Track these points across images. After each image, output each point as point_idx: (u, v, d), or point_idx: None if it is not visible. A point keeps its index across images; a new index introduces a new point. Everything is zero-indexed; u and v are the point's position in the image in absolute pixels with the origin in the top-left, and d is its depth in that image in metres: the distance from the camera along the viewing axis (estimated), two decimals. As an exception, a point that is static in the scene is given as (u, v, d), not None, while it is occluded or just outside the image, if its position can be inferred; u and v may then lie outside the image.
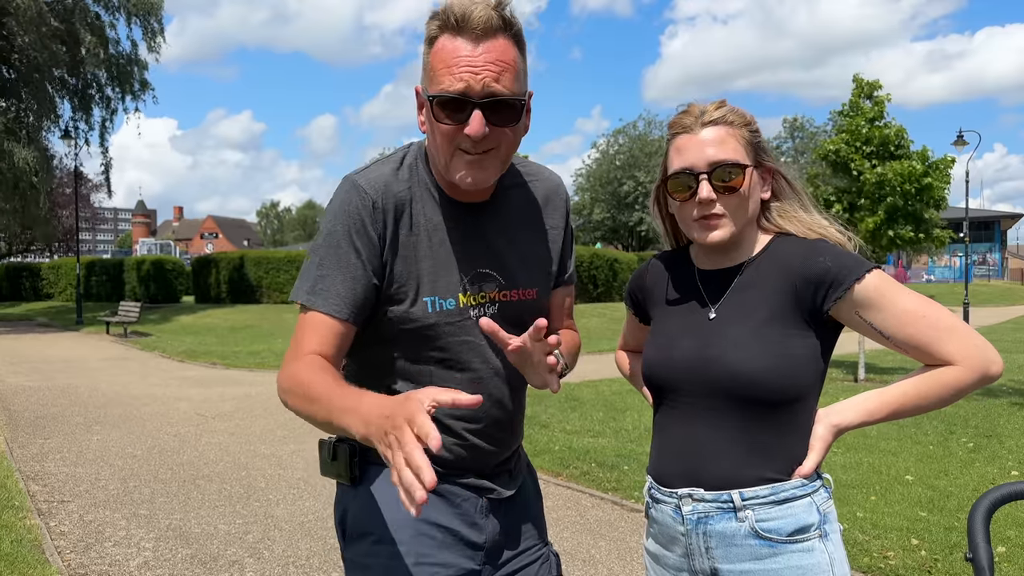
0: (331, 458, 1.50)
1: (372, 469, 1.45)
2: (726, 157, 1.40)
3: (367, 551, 1.43)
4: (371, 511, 1.43)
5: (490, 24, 1.26)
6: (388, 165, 1.43)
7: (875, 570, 3.83)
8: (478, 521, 1.46)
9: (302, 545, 4.29)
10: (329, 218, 1.39)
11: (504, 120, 1.31)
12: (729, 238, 1.43)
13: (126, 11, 24.91)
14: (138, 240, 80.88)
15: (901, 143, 11.07)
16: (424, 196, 1.42)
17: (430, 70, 1.31)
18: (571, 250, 1.62)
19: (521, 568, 1.53)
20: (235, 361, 13.48)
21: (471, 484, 1.47)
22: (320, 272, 1.36)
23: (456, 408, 1.08)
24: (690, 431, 1.44)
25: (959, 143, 23.76)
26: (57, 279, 33.25)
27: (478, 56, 1.27)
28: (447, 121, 1.30)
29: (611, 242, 47.07)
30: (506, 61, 1.29)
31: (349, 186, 1.39)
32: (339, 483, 1.53)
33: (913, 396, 1.37)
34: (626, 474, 5.69)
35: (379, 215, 1.37)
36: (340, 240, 1.36)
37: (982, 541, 1.41)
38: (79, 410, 8.57)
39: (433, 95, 1.29)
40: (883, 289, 1.35)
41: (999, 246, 57.80)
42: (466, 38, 1.27)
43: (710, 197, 1.40)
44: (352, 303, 1.35)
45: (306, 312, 1.36)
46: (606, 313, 22.42)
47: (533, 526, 1.58)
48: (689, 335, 1.46)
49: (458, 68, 1.27)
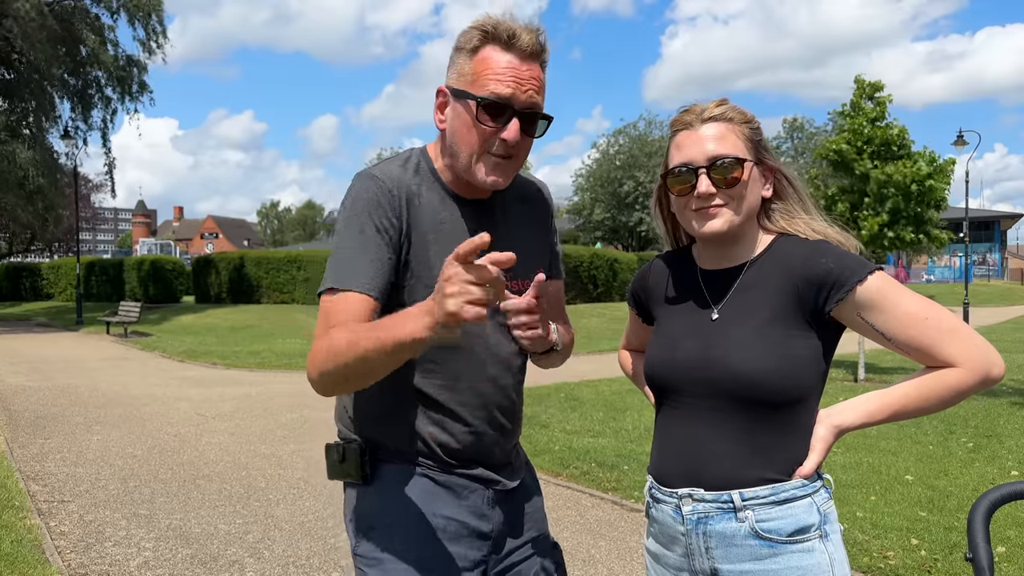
0: (340, 460, 1.53)
1: (382, 467, 1.51)
2: (725, 152, 1.41)
3: (378, 545, 1.48)
4: (382, 507, 1.49)
5: (535, 49, 1.43)
6: (396, 162, 1.53)
7: (875, 570, 3.83)
8: (486, 512, 1.53)
9: (302, 545, 4.29)
10: (348, 206, 1.45)
11: (532, 131, 1.47)
12: (727, 229, 1.43)
13: (127, 12, 24.91)
14: (138, 240, 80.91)
15: (903, 144, 11.09)
16: (430, 192, 1.51)
17: (473, 75, 1.43)
18: (558, 247, 1.74)
19: (525, 558, 1.59)
20: (235, 361, 13.48)
21: (478, 476, 1.52)
22: (345, 255, 1.41)
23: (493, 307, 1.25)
24: (691, 431, 1.44)
25: (959, 143, 23.77)
26: (57, 279, 33.25)
27: (524, 72, 1.42)
28: (489, 123, 1.42)
29: (611, 242, 47.06)
30: (541, 82, 1.46)
31: (365, 177, 1.47)
32: (348, 484, 1.56)
33: (915, 398, 1.37)
34: (626, 474, 5.69)
35: (395, 201, 1.45)
36: (364, 224, 1.42)
37: (982, 541, 1.41)
38: (79, 410, 8.57)
39: (482, 97, 1.40)
40: (885, 291, 1.35)
41: (999, 246, 57.80)
42: (514, 54, 1.42)
43: (709, 191, 1.41)
44: (378, 283, 1.40)
45: (333, 294, 1.39)
46: (606, 313, 22.42)
47: (535, 518, 1.65)
48: (692, 335, 1.46)
49: (507, 78, 1.41)
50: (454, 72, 1.46)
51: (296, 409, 8.65)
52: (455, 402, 1.49)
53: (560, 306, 1.75)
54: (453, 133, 1.46)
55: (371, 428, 1.54)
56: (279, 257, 26.67)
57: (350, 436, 1.56)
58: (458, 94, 1.44)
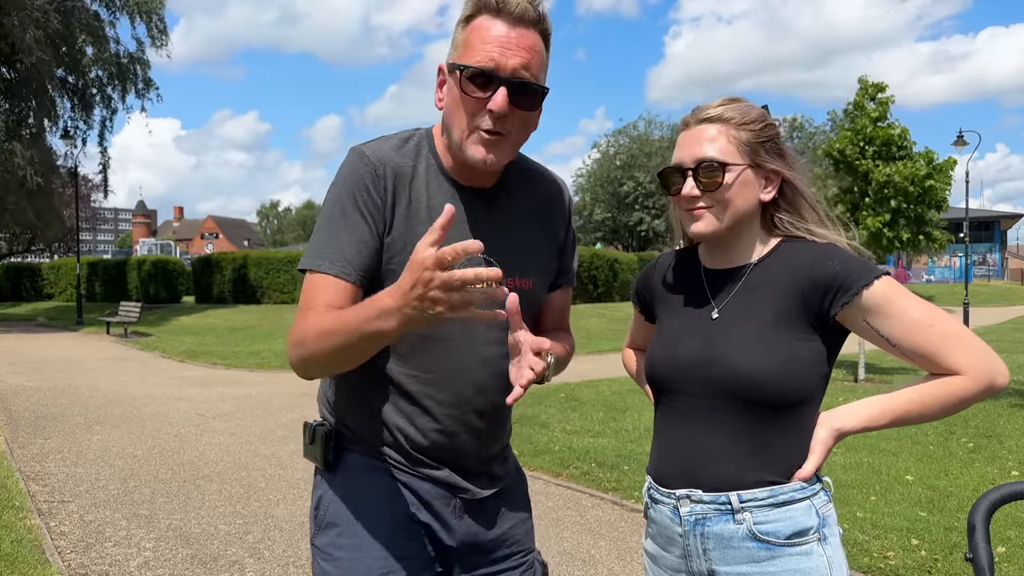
0: (310, 441, 1.51)
1: (346, 455, 1.48)
2: (711, 155, 1.40)
3: (335, 542, 1.44)
4: (344, 502, 1.46)
5: (526, 14, 1.34)
6: (392, 140, 1.46)
7: (875, 570, 3.83)
8: (450, 521, 1.47)
9: (302, 545, 4.29)
10: (337, 184, 1.41)
11: (525, 104, 1.36)
12: (711, 232, 1.43)
13: (127, 11, 24.90)
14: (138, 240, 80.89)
15: (904, 144, 11.09)
16: (429, 176, 1.44)
17: (462, 45, 1.36)
18: (573, 253, 1.63)
19: (500, 573, 1.52)
20: (235, 361, 13.48)
21: (444, 480, 1.47)
22: (327, 235, 1.38)
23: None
24: (690, 432, 1.43)
25: (959, 143, 23.74)
26: (58, 279, 33.27)
27: (512, 39, 1.33)
28: (475, 93, 1.33)
29: (611, 242, 47.02)
30: (535, 50, 1.36)
31: (354, 155, 1.42)
32: (316, 469, 1.54)
33: (918, 404, 1.36)
34: (626, 474, 5.68)
35: (380, 181, 1.39)
36: (346, 205, 1.38)
37: (982, 541, 1.40)
38: (79, 410, 8.56)
39: (464, 65, 1.33)
40: (892, 296, 1.34)
41: (999, 246, 57.78)
42: (503, 21, 1.33)
43: (692, 193, 1.41)
44: (359, 266, 1.36)
45: (313, 275, 1.36)
46: (606, 313, 22.40)
47: (517, 532, 1.56)
48: (693, 335, 1.46)
49: (493, 45, 1.32)
50: (451, 46, 1.40)
51: (296, 409, 8.65)
52: (427, 397, 1.43)
53: (564, 316, 1.67)
54: (447, 110, 1.39)
55: (343, 412, 1.51)
56: (279, 257, 26.66)
57: (327, 417, 1.54)
58: (451, 68, 1.37)
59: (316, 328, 1.27)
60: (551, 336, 1.52)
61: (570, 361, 1.61)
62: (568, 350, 1.59)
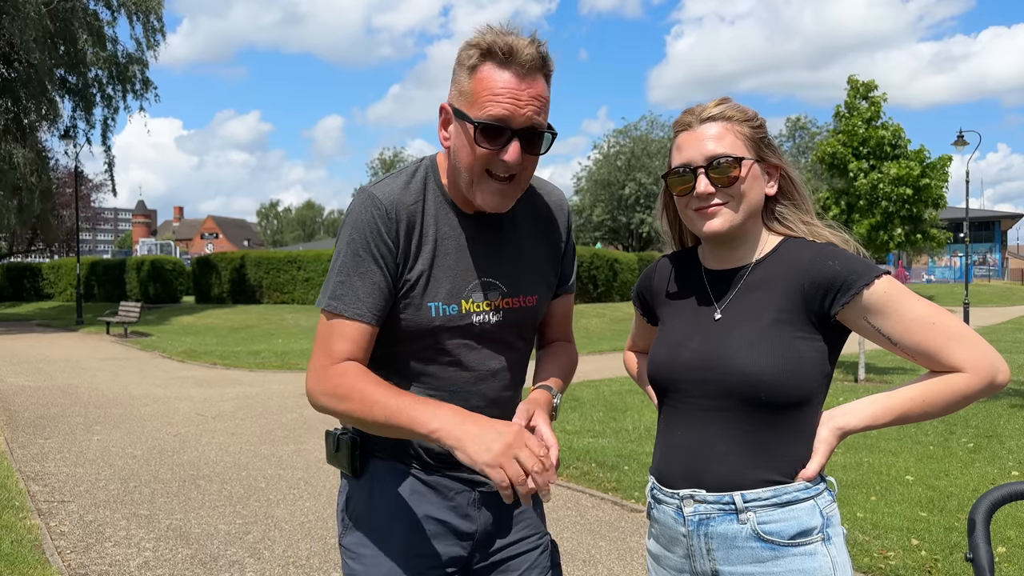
0: (335, 449, 1.58)
1: (373, 462, 1.55)
2: (723, 151, 1.41)
3: (361, 541, 1.53)
4: (370, 503, 1.55)
5: (534, 63, 1.37)
6: (400, 179, 1.51)
7: (875, 570, 3.83)
8: (470, 513, 1.55)
9: (302, 545, 4.29)
10: (348, 228, 1.47)
11: (535, 150, 1.43)
12: (728, 228, 1.43)
13: (126, 10, 24.89)
14: (138, 240, 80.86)
15: (898, 143, 11.04)
16: (435, 208, 1.50)
17: (470, 94, 1.39)
18: (572, 260, 1.70)
19: (518, 555, 1.60)
20: (235, 361, 13.48)
21: (463, 477, 1.54)
22: (342, 279, 1.45)
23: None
24: (693, 432, 1.43)
25: (959, 143, 23.75)
26: (58, 279, 33.25)
27: (523, 90, 1.37)
28: (487, 145, 1.38)
29: (611, 242, 46.99)
30: (544, 97, 1.41)
31: (365, 197, 1.47)
32: (342, 474, 1.62)
33: (920, 402, 1.36)
34: (626, 474, 5.69)
35: (392, 224, 1.45)
36: (359, 248, 1.44)
37: (982, 541, 1.40)
38: (79, 410, 8.57)
39: (480, 120, 1.37)
40: (892, 295, 1.35)
41: (999, 246, 57.77)
42: (512, 72, 1.36)
43: (708, 191, 1.41)
44: (374, 307, 1.44)
45: (332, 318, 1.44)
46: (606, 313, 22.40)
47: (528, 516, 1.65)
48: (695, 335, 1.46)
49: (504, 98, 1.36)
50: (455, 89, 1.43)
51: (296, 409, 8.65)
52: None
53: (567, 324, 1.74)
54: (455, 152, 1.44)
55: None
56: (279, 257, 26.65)
57: (347, 425, 1.59)
58: (458, 114, 1.41)
59: (363, 395, 1.37)
60: (553, 357, 1.66)
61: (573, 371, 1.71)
62: (570, 369, 1.71)
